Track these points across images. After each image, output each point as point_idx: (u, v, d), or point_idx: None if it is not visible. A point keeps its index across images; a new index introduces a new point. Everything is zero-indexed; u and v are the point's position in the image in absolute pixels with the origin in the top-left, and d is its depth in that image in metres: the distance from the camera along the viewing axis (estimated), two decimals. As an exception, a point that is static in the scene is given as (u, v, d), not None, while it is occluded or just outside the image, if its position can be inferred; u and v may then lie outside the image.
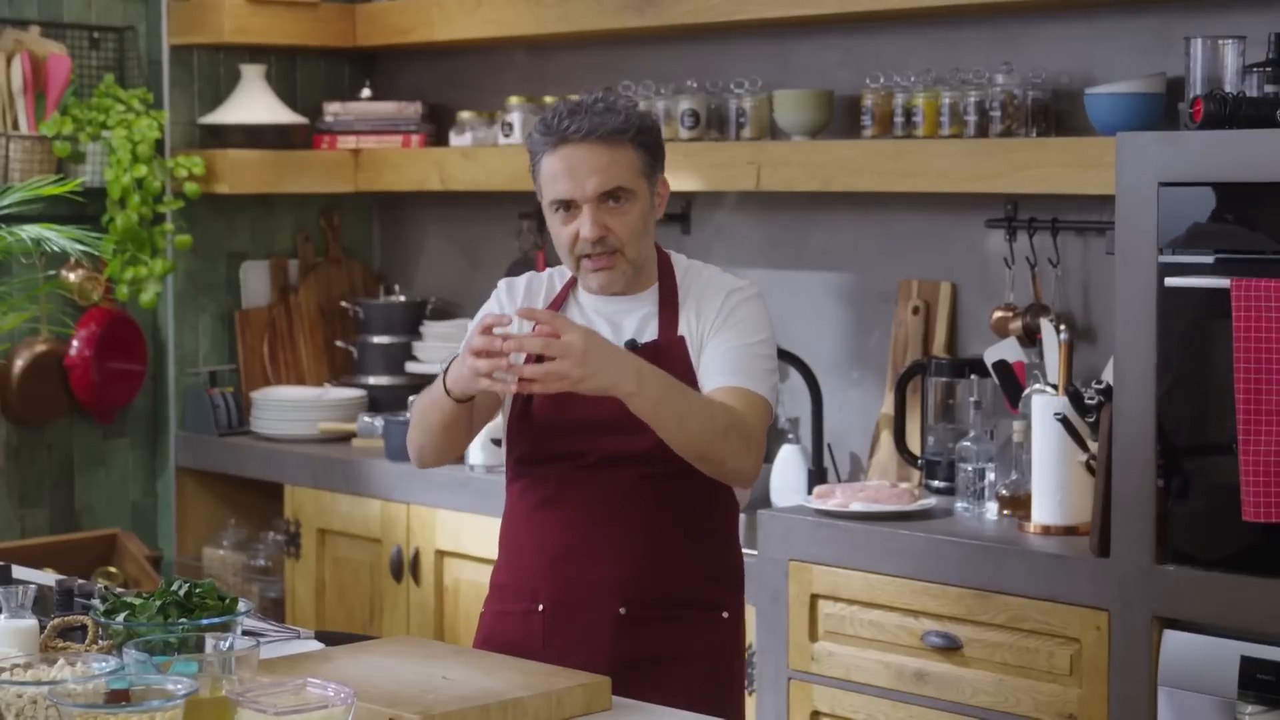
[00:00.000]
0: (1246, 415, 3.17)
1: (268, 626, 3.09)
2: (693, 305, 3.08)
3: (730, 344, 3.02)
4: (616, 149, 3.00)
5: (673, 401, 2.88)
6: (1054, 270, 4.20)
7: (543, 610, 3.04)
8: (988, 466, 3.95)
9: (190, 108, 5.37)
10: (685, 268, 3.14)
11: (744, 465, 2.97)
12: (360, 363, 5.45)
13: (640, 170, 3.03)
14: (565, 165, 3.00)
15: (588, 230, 3.00)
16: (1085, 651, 3.47)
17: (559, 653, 2.98)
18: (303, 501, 5.05)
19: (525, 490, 3.10)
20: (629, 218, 3.01)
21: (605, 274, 3.04)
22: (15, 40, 5.05)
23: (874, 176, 4.26)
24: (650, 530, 3.01)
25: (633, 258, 3.03)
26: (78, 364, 5.20)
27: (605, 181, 2.99)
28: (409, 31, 5.29)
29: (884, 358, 4.52)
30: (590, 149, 2.99)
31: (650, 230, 3.08)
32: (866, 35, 4.53)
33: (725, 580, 3.10)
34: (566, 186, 3.00)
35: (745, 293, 3.09)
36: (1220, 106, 3.30)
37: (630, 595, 3.01)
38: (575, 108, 3.02)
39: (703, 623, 3.06)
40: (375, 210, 5.78)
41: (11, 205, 3.69)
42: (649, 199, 3.05)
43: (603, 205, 3.00)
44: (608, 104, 3.03)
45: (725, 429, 2.91)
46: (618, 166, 3.00)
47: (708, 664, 3.06)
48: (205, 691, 2.30)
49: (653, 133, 3.07)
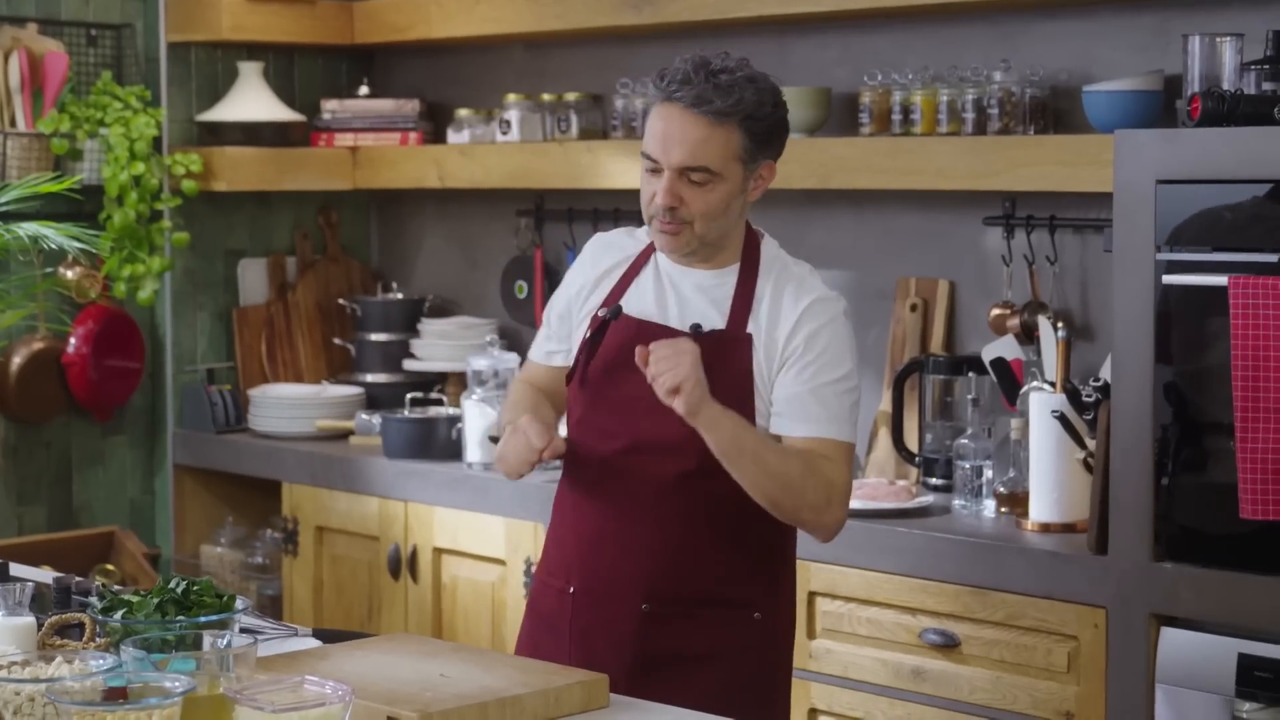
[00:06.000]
0: (1244, 413, 3.18)
1: (265, 624, 3.08)
2: (768, 302, 3.00)
3: (812, 384, 2.95)
4: (718, 128, 2.92)
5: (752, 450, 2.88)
6: (1052, 268, 4.20)
7: (574, 593, 3.04)
8: (985, 464, 3.95)
9: (188, 105, 5.36)
10: (773, 256, 3.07)
11: (824, 520, 2.95)
12: (358, 360, 5.45)
13: (738, 154, 2.95)
14: (662, 125, 2.95)
15: (661, 197, 2.95)
16: (1083, 649, 3.47)
17: (583, 638, 2.99)
18: (300, 499, 5.04)
19: (574, 465, 3.08)
20: (709, 196, 2.95)
21: (670, 239, 2.99)
22: (13, 37, 5.05)
23: (872, 174, 4.26)
24: (681, 529, 2.98)
25: (701, 233, 2.97)
26: (75, 361, 5.20)
27: (692, 157, 2.93)
28: (407, 29, 5.29)
29: (882, 355, 4.52)
30: (692, 118, 2.92)
31: (732, 212, 2.99)
32: (864, 33, 4.53)
33: (760, 581, 3.03)
34: (655, 147, 2.95)
35: (829, 311, 3.01)
36: (1218, 104, 3.30)
37: (655, 592, 2.99)
38: (693, 71, 2.92)
39: (731, 623, 3.01)
40: (373, 208, 5.77)
41: (9, 203, 3.69)
42: (740, 183, 2.97)
43: (683, 177, 2.94)
44: (731, 79, 2.92)
45: (802, 481, 2.90)
46: (711, 145, 2.93)
47: (735, 664, 3.01)
48: (203, 689, 2.30)
49: (766, 120, 2.96)
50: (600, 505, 3.01)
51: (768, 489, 2.90)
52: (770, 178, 3.03)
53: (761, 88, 2.96)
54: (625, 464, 3.00)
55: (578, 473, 3.08)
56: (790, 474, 2.89)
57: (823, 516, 2.94)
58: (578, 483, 3.08)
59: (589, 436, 3.05)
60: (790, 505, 2.92)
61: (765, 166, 3.01)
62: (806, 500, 2.91)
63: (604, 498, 3.00)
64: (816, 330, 2.97)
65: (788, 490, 2.90)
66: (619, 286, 3.08)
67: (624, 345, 2.98)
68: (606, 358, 3.03)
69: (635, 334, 3.00)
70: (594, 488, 3.03)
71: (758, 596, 3.03)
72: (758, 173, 3.00)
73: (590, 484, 3.04)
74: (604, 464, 3.02)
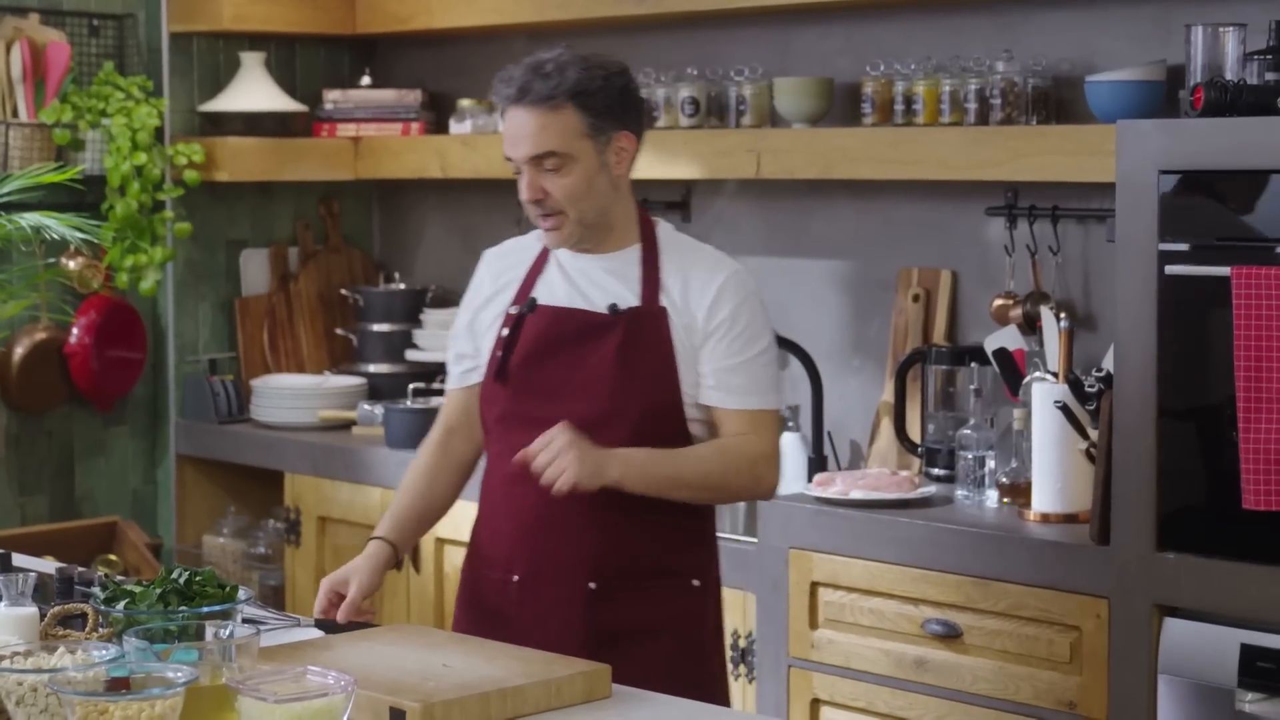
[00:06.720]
0: (1246, 403, 3.17)
1: (268, 614, 3.09)
2: (679, 279, 3.09)
3: (739, 358, 3.06)
4: (552, 113, 3.02)
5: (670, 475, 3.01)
6: (1054, 258, 4.19)
7: (517, 581, 3.08)
8: (988, 454, 3.95)
9: (190, 95, 5.36)
10: (671, 237, 3.16)
11: (759, 492, 3.12)
12: (360, 350, 5.45)
13: (582, 132, 3.03)
14: (508, 127, 3.07)
15: (525, 193, 3.06)
16: (1085, 639, 3.47)
17: (532, 623, 3.03)
18: (303, 489, 5.05)
19: (501, 456, 3.12)
20: (567, 180, 3.03)
21: (552, 233, 3.09)
22: (15, 28, 5.05)
23: (874, 164, 4.26)
24: (621, 505, 3.03)
25: (577, 218, 3.06)
26: (78, 352, 5.20)
27: (536, 146, 3.02)
28: (409, 19, 5.29)
29: (884, 346, 4.52)
30: (526, 112, 3.03)
31: (599, 188, 3.06)
32: (867, 23, 4.53)
33: (696, 549, 3.15)
34: (506, 148, 3.07)
35: (745, 286, 3.10)
36: (1221, 94, 3.29)
37: (599, 569, 3.05)
38: (520, 71, 3.05)
39: (673, 593, 3.10)
40: (375, 198, 5.77)
41: (11, 193, 3.69)
42: (595, 159, 3.05)
43: (539, 168, 3.04)
44: (557, 65, 3.03)
45: (723, 474, 3.04)
46: (550, 130, 3.02)
47: (680, 634, 3.10)
48: (205, 679, 2.30)
49: (599, 94, 3.04)
50: (538, 492, 3.00)
51: (699, 497, 3.09)
52: (633, 147, 3.11)
53: (589, 65, 3.06)
54: None
55: (507, 464, 3.08)
56: (711, 474, 3.05)
57: (756, 490, 3.12)
58: (510, 475, 3.08)
59: (515, 428, 3.09)
60: (724, 497, 3.19)
61: (622, 137, 3.08)
62: (734, 488, 3.10)
63: (540, 484, 2.99)
64: (738, 306, 3.07)
65: (716, 490, 3.10)
66: (525, 285, 3.16)
67: (542, 335, 3.09)
68: (526, 349, 3.10)
69: (553, 321, 3.09)
70: (527, 477, 3.02)
71: (695, 564, 3.14)
72: (614, 145, 3.08)
73: (524, 473, 3.02)
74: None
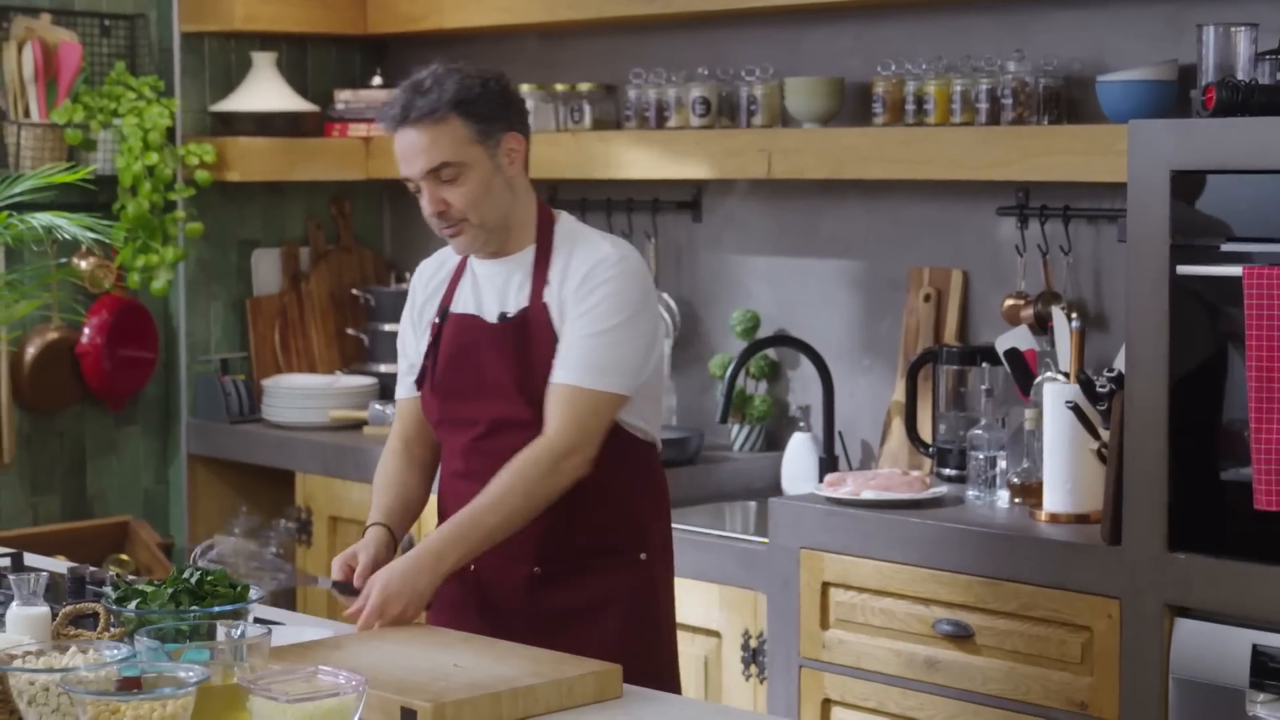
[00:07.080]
0: (1258, 403, 3.17)
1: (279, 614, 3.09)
2: (560, 268, 3.14)
3: (579, 333, 3.09)
4: (438, 126, 3.08)
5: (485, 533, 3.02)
6: (1065, 258, 4.19)
7: (473, 570, 3.14)
8: (999, 454, 3.94)
9: (201, 95, 5.37)
10: (568, 230, 3.20)
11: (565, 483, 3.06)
12: (371, 350, 5.45)
13: (470, 139, 3.09)
14: (399, 148, 3.13)
15: (428, 207, 3.12)
16: (1096, 640, 3.47)
17: (488, 611, 3.12)
18: (314, 489, 5.05)
19: (445, 458, 3.25)
20: (465, 188, 3.09)
21: (457, 240, 3.16)
22: (26, 28, 5.06)
23: (885, 164, 4.26)
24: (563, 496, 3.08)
25: (479, 223, 3.12)
26: (89, 351, 5.21)
27: (429, 160, 3.09)
28: (420, 19, 5.29)
29: (895, 345, 4.51)
30: (414, 130, 3.09)
31: (497, 191, 3.13)
32: (878, 22, 4.53)
33: (639, 522, 3.20)
34: (403, 169, 3.13)
35: (611, 268, 3.12)
36: (1232, 94, 3.29)
37: (544, 554, 3.12)
38: (400, 94, 3.11)
39: (620, 568, 3.16)
40: (386, 198, 5.77)
41: (23, 193, 3.69)
42: (488, 163, 3.11)
43: (436, 181, 3.10)
44: (435, 80, 3.09)
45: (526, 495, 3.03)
46: (440, 143, 3.08)
47: (628, 608, 3.16)
48: (217, 679, 2.31)
49: (479, 100, 3.11)
50: (476, 489, 3.08)
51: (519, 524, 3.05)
52: (522, 147, 3.17)
53: (466, 75, 3.13)
54: (490, 445, 3.13)
55: (449, 465, 3.24)
56: (516, 506, 3.04)
57: (564, 483, 3.06)
58: (451, 475, 3.22)
59: (453, 431, 3.20)
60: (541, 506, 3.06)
61: (510, 139, 3.15)
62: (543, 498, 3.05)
63: (480, 480, 3.08)
64: (598, 285, 3.10)
65: (530, 510, 3.05)
66: (447, 294, 3.25)
67: (454, 342, 3.18)
68: (445, 357, 3.19)
69: (460, 329, 3.19)
70: (465, 476, 3.16)
71: (639, 538, 3.19)
72: (504, 147, 3.14)
73: (460, 474, 3.18)
74: (472, 449, 3.16)
